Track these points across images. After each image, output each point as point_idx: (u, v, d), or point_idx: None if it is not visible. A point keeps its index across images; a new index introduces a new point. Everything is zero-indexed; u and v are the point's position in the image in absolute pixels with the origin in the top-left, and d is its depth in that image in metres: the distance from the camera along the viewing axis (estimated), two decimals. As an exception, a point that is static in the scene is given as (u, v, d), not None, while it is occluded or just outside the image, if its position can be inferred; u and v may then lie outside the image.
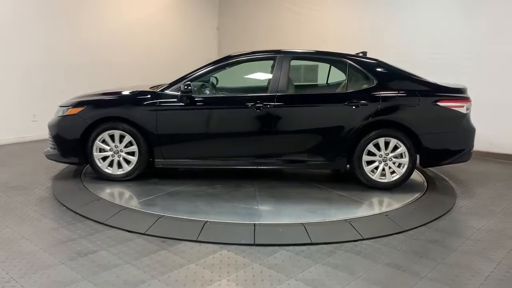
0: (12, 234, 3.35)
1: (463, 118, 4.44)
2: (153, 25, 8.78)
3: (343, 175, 5.09)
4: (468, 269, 2.92)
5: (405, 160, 4.41)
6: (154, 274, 2.76)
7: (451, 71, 6.40)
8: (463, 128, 4.48)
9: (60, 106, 4.85)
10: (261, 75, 5.15)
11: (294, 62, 4.80)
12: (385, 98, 4.40)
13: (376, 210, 4.01)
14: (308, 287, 2.64)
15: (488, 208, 4.19)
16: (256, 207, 3.99)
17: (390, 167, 4.45)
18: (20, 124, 6.93)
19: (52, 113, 7.39)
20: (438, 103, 4.37)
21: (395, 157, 4.44)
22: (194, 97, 4.53)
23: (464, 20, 6.45)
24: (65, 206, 3.95)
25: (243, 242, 3.25)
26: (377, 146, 4.43)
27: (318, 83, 5.61)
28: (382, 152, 4.44)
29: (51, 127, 4.81)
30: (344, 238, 3.35)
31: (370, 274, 2.82)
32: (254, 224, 3.52)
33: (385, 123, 4.43)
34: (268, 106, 4.42)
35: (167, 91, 4.58)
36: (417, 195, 4.40)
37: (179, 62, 5.72)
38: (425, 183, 4.81)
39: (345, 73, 4.67)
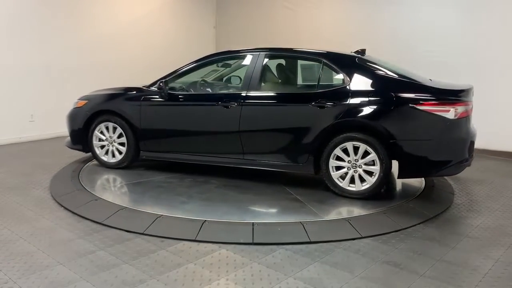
0: (10, 235, 3.34)
1: (450, 125, 3.83)
2: (150, 24, 8.76)
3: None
4: (466, 267, 2.92)
5: (376, 168, 3.99)
6: (153, 274, 2.75)
7: (450, 69, 6.40)
8: (449, 136, 3.89)
9: (77, 100, 5.39)
10: (242, 73, 4.99)
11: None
12: (355, 99, 4.03)
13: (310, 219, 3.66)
14: (307, 286, 2.64)
15: (486, 205, 4.19)
16: (196, 203, 4.01)
17: (360, 175, 4.08)
18: (18, 125, 6.90)
19: (49, 114, 7.42)
20: (416, 106, 3.85)
21: (366, 164, 4.03)
22: (170, 94, 4.75)
23: (463, 17, 6.45)
24: (63, 206, 3.95)
25: (241, 241, 3.25)
26: (347, 151, 4.09)
27: (301, 83, 5.27)
28: (351, 158, 4.07)
29: (67, 117, 5.39)
30: (342, 237, 3.35)
31: (368, 272, 2.82)
32: (253, 223, 3.52)
33: (355, 126, 4.06)
34: (235, 104, 4.41)
35: (150, 88, 4.88)
36: (414, 193, 4.40)
37: (177, 60, 5.74)
38: (423, 181, 4.81)
39: (319, 71, 4.43)
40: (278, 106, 4.42)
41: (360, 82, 4.11)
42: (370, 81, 4.12)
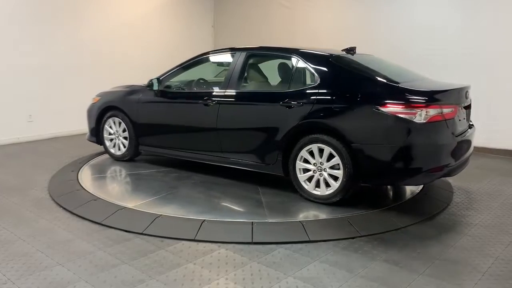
0: (8, 236, 3.33)
1: (417, 129, 3.49)
2: (149, 23, 8.74)
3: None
4: (465, 265, 2.92)
5: (339, 172, 3.80)
6: (152, 274, 2.75)
7: (451, 67, 6.39)
8: (416, 142, 3.54)
9: (94, 96, 5.79)
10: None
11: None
12: (321, 99, 3.87)
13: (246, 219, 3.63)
14: (306, 285, 2.63)
15: (485, 203, 4.19)
16: (158, 197, 4.16)
17: (325, 179, 3.90)
18: (16, 125, 6.89)
19: (47, 114, 7.39)
20: (380, 108, 3.58)
21: (332, 167, 3.85)
22: (161, 92, 5.01)
23: (463, 15, 6.42)
24: (62, 207, 3.94)
25: (240, 240, 3.25)
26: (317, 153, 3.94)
27: (275, 81, 5.01)
28: (316, 161, 3.92)
29: (86, 112, 5.78)
30: (341, 236, 3.34)
31: (368, 271, 2.82)
32: (252, 222, 3.52)
33: (320, 128, 3.90)
34: (214, 102, 4.49)
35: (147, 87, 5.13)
36: (413, 191, 4.39)
37: (175, 59, 5.77)
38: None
39: (292, 70, 4.34)
40: (250, 105, 4.42)
41: (328, 82, 3.96)
42: (338, 81, 3.97)
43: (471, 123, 4.34)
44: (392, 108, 3.54)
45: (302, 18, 8.35)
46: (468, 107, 4.14)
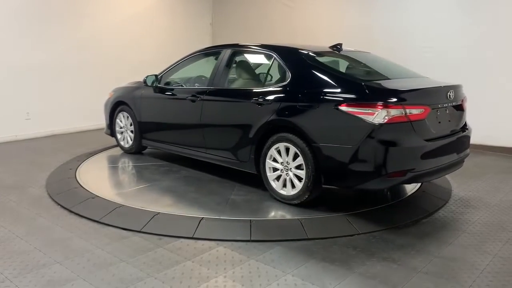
0: (6, 234, 3.32)
1: (376, 130, 3.28)
2: (147, 21, 8.71)
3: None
4: (464, 263, 2.92)
5: (303, 172, 3.72)
6: (150, 272, 2.75)
7: (450, 66, 6.38)
8: (372, 144, 3.31)
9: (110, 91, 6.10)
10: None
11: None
12: (287, 97, 3.83)
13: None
14: (305, 283, 2.63)
15: (483, 201, 4.20)
16: (135, 188, 4.41)
17: (291, 179, 3.84)
18: (14, 122, 6.86)
19: (45, 112, 7.37)
20: (340, 107, 3.44)
21: (297, 167, 3.77)
22: (155, 88, 5.20)
23: (462, 14, 6.42)
24: (60, 205, 3.93)
25: (239, 238, 3.25)
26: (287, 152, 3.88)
27: (252, 78, 4.85)
28: (283, 160, 3.87)
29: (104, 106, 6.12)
30: (340, 233, 3.35)
31: (366, 268, 2.82)
32: (250, 220, 3.52)
33: (285, 127, 3.84)
34: (199, 99, 4.58)
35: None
36: (412, 188, 4.39)
37: (174, 57, 5.78)
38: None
39: (269, 68, 4.31)
40: (227, 102, 4.48)
41: (297, 80, 3.89)
42: (306, 79, 3.88)
43: (466, 126, 4.09)
44: (350, 107, 3.40)
45: (301, 16, 8.33)
46: (459, 108, 3.91)
